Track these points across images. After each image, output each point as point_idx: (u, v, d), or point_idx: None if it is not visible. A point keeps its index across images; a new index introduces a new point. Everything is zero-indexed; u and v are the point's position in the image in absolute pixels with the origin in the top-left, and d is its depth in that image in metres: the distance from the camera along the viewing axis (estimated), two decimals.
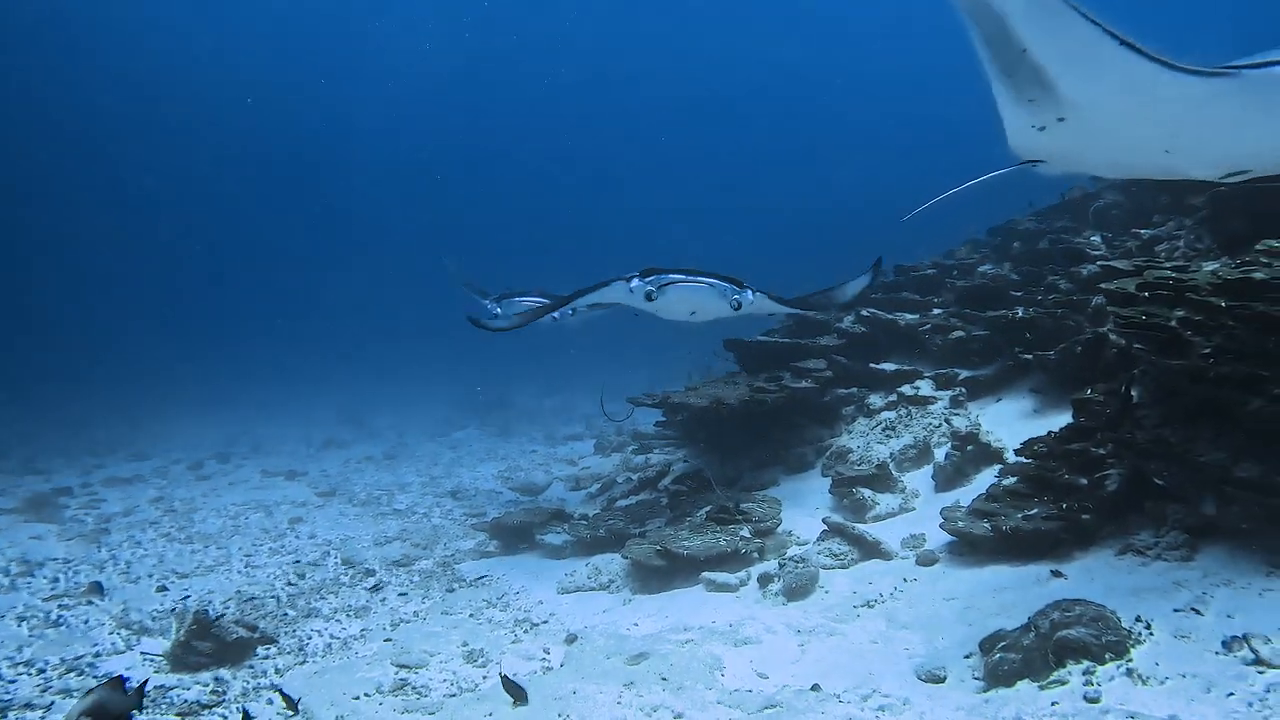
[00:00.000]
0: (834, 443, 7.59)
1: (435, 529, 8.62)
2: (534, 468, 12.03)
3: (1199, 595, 3.91)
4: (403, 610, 5.99)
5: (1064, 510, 4.79)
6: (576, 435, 14.39)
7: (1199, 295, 4.81)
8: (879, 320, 8.29)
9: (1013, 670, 3.67)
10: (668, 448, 10.55)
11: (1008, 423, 6.67)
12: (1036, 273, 8.06)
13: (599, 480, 10.27)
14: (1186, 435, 4.51)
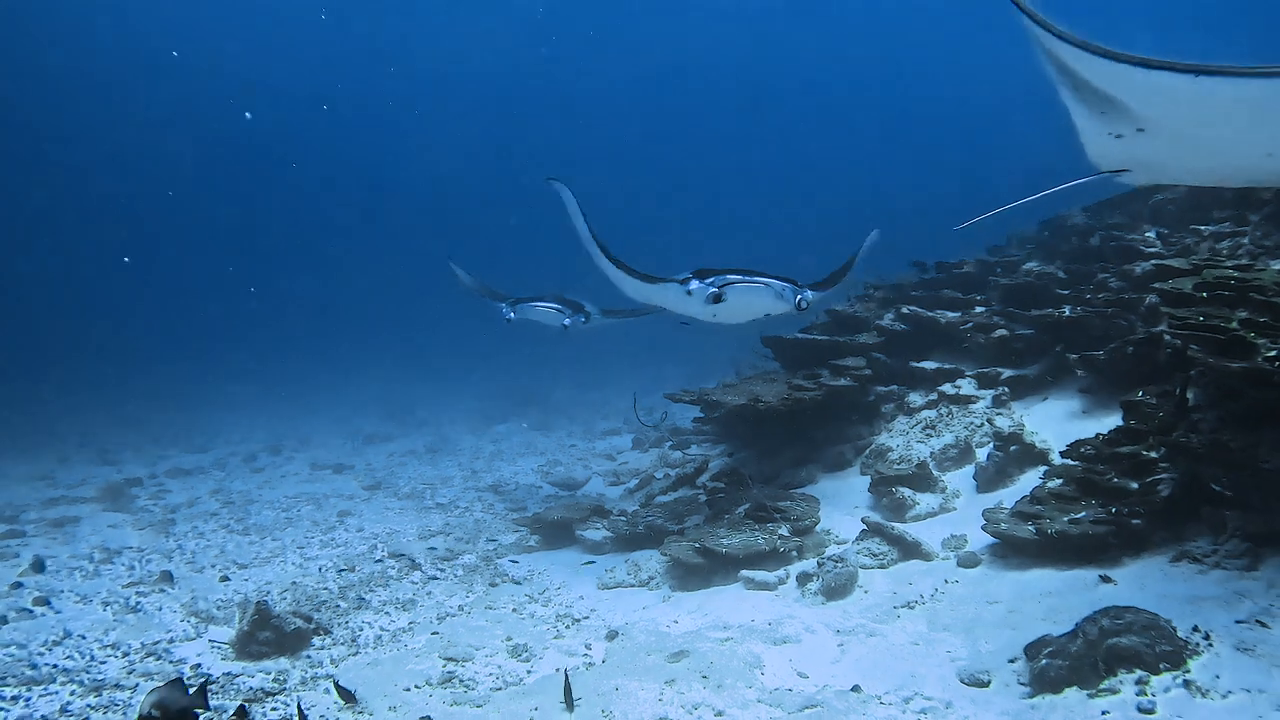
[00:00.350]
0: (873, 441, 7.58)
1: (477, 523, 8.78)
2: (573, 463, 12.17)
3: (1265, 607, 3.81)
4: (448, 604, 6.13)
5: (1113, 514, 4.74)
6: (614, 430, 14.50)
7: (1264, 295, 4.71)
8: (920, 318, 8.23)
9: (1060, 677, 3.66)
10: (705, 444, 10.61)
11: (1053, 424, 6.59)
12: (1085, 270, 7.93)
13: (637, 476, 10.38)
14: (1248, 440, 4.41)
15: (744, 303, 6.12)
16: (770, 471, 8.04)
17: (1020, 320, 7.51)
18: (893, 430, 7.62)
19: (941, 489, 6.42)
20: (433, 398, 19.97)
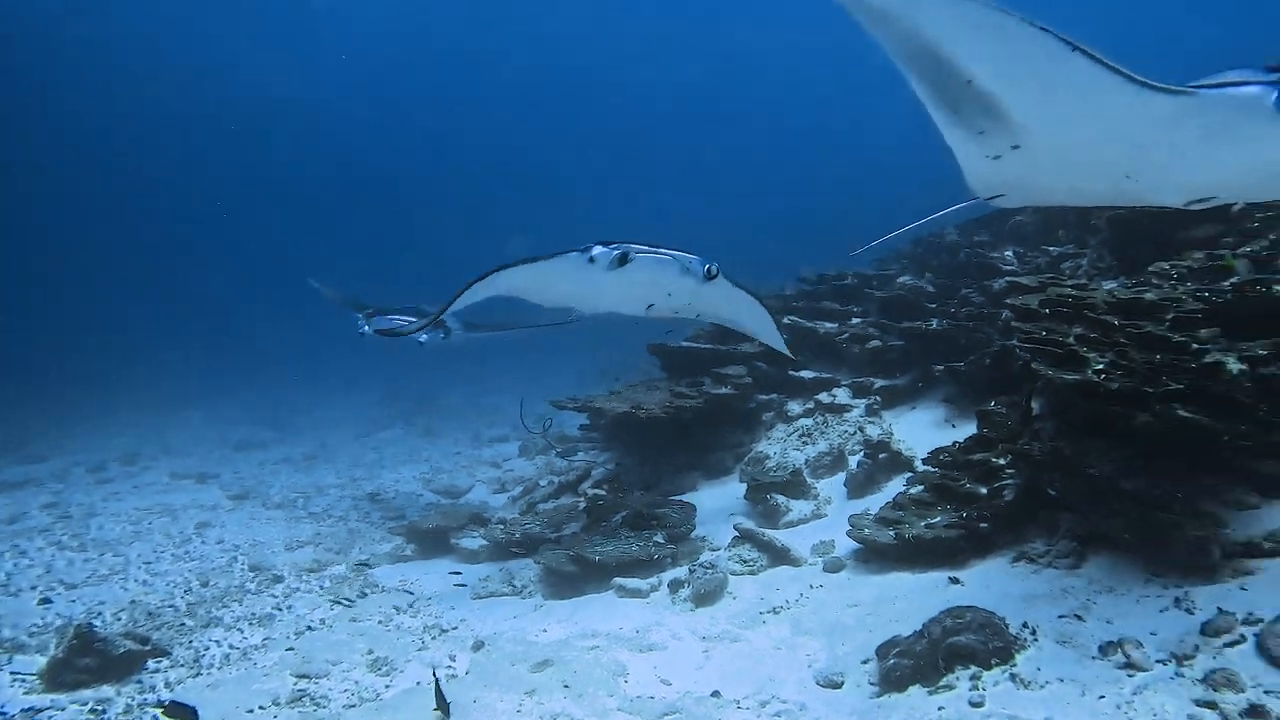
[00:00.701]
0: (753, 448, 7.69)
1: (351, 532, 8.44)
2: (457, 470, 11.88)
3: (1083, 602, 4.07)
4: (309, 618, 5.84)
5: (963, 519, 4.94)
6: (503, 437, 14.21)
7: (1095, 313, 5.02)
8: (800, 328, 8.43)
9: (905, 676, 3.78)
10: (592, 451, 10.55)
11: (920, 432, 6.84)
12: (952, 285, 8.32)
13: (522, 483, 10.21)
14: (1079, 448, 4.70)
15: (649, 277, 5.30)
16: (652, 478, 8.04)
17: (892, 332, 7.79)
18: (771, 438, 7.75)
19: (814, 495, 6.55)
20: (316, 404, 19.14)
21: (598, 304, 5.73)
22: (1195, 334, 4.71)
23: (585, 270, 5.20)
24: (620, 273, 5.13)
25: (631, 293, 5.49)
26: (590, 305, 5.79)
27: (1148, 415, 4.38)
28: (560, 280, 5.43)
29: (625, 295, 5.51)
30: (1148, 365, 4.47)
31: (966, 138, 3.27)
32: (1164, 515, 4.15)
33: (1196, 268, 5.54)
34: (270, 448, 14.51)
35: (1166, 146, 2.87)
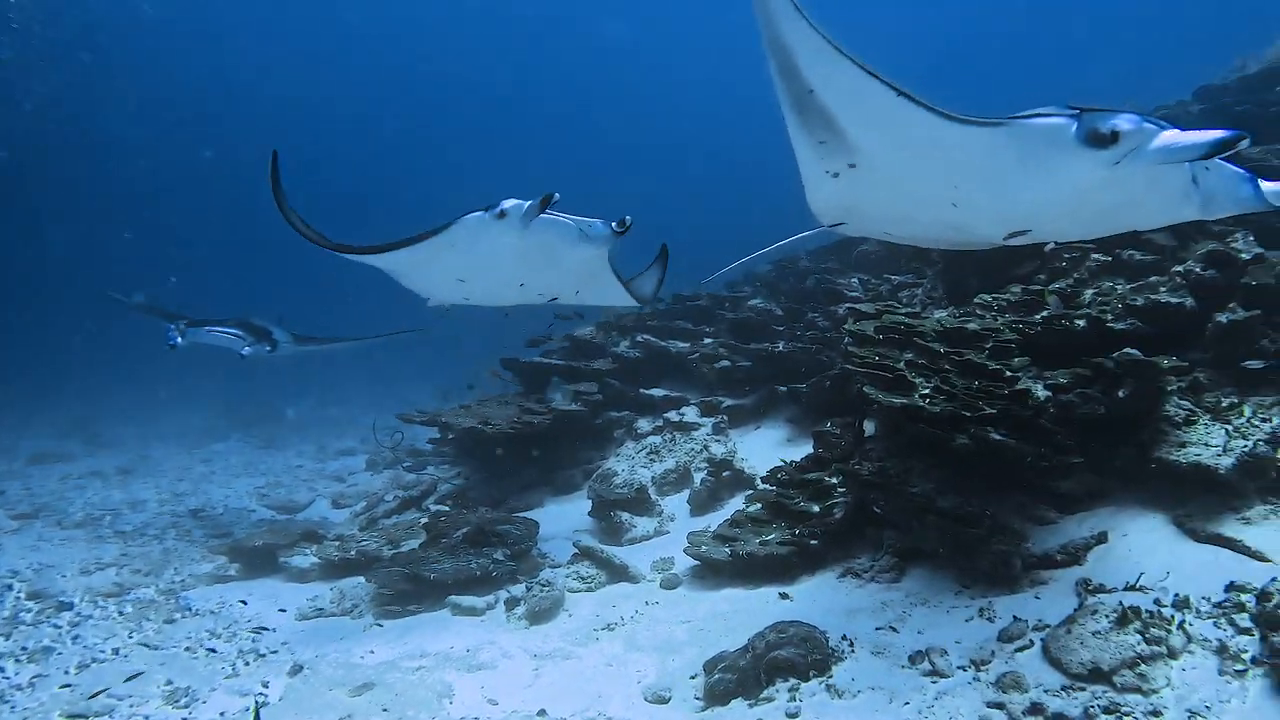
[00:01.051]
0: (602, 465, 7.66)
1: (166, 552, 7.76)
2: (297, 484, 11.26)
3: (900, 614, 4.27)
4: (100, 648, 5.28)
5: (796, 536, 5.08)
6: (350, 450, 13.60)
7: (924, 340, 5.32)
8: (653, 346, 8.51)
9: (728, 690, 3.83)
10: (443, 465, 10.25)
11: (763, 450, 7.02)
12: (800, 310, 8.63)
13: (365, 498, 9.77)
14: (904, 468, 4.95)
15: (550, 243, 4.51)
16: (500, 495, 7.89)
17: (741, 353, 7.99)
18: (621, 455, 7.75)
19: (659, 513, 6.59)
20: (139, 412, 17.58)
21: (490, 281, 4.98)
22: (1009, 362, 5.08)
23: (486, 232, 4.45)
24: (530, 233, 4.40)
25: (531, 267, 4.78)
26: (481, 282, 5.01)
27: (965, 437, 4.67)
28: (456, 244, 4.61)
29: (525, 267, 4.77)
30: (967, 391, 4.77)
31: (809, 144, 3.36)
32: (974, 531, 4.41)
33: (1015, 300, 5.98)
34: (77, 460, 13.18)
35: (985, 173, 3.02)
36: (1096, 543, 4.39)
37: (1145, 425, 4.71)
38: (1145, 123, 2.63)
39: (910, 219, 3.71)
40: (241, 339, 7.76)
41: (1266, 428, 4.48)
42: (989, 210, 3.27)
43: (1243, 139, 2.43)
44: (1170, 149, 2.59)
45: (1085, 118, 2.70)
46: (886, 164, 3.27)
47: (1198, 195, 2.77)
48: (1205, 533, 4.19)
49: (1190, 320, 5.20)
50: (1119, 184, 2.79)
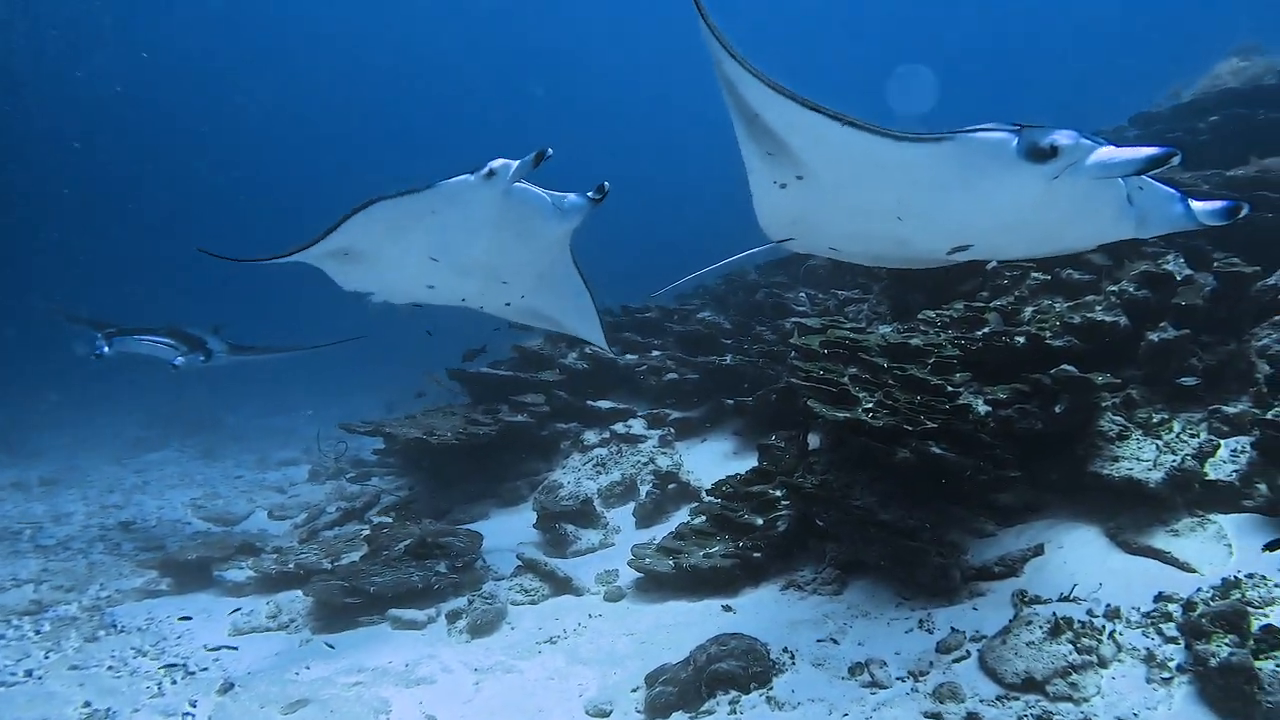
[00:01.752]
0: (548, 477, 7.60)
1: (92, 567, 7.42)
2: (236, 495, 10.87)
3: (841, 626, 4.29)
4: (10, 670, 5.01)
5: (740, 549, 5.08)
6: (292, 460, 13.20)
7: (868, 355, 5.39)
8: (601, 358, 8.48)
9: (669, 703, 3.79)
10: (388, 476, 10.06)
11: (709, 463, 7.03)
12: (747, 323, 8.69)
13: (306, 510, 9.52)
14: (846, 481, 4.99)
15: (525, 215, 4.18)
16: (444, 506, 7.77)
17: (689, 366, 8.01)
18: (567, 467, 7.71)
19: (604, 525, 6.55)
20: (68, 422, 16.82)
21: (460, 260, 4.57)
22: (951, 378, 5.17)
23: (474, 197, 4.05)
24: (510, 200, 4.03)
25: (504, 250, 4.44)
26: (451, 263, 4.60)
27: (906, 451, 4.73)
28: (434, 207, 4.19)
29: (497, 244, 4.39)
30: (909, 405, 4.84)
31: (758, 154, 3.40)
32: (914, 543, 4.47)
33: (957, 317, 6.10)
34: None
35: (929, 186, 3.07)
36: (1033, 554, 4.48)
37: (1080, 440, 4.83)
38: (1083, 138, 2.71)
39: (856, 232, 3.75)
40: (174, 349, 7.48)
41: (1194, 443, 4.63)
42: (933, 223, 3.32)
43: (1174, 155, 2.52)
44: (1106, 164, 2.67)
45: (1025, 133, 2.77)
46: (832, 178, 3.31)
47: (1133, 214, 2.86)
48: (1136, 544, 4.30)
49: (1124, 338, 5.36)
50: (1058, 199, 2.86)
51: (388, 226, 4.31)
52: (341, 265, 4.69)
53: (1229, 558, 4.02)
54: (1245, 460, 4.50)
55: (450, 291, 4.97)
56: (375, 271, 4.75)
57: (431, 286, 4.86)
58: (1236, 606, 3.39)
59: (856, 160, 3.11)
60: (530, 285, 4.92)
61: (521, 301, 5.10)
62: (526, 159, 3.84)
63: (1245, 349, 5.18)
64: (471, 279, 4.75)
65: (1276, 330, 5.05)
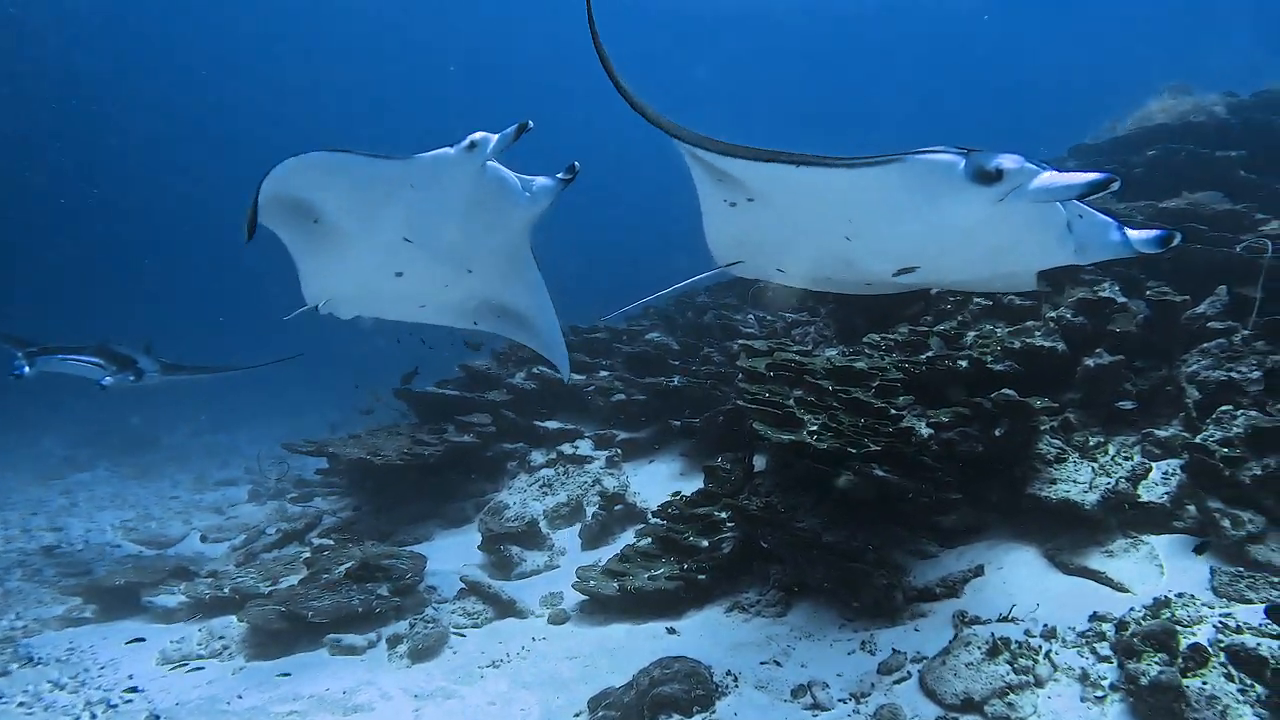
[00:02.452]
0: (494, 498, 7.50)
1: (8, 594, 7.07)
2: (170, 517, 10.51)
3: (784, 648, 4.29)
4: None
5: (684, 570, 5.06)
6: (232, 480, 12.84)
7: (814, 378, 5.43)
8: (548, 378, 8.42)
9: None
10: (331, 497, 9.82)
11: (656, 484, 6.99)
12: (696, 344, 8.72)
13: (245, 531, 9.23)
14: (791, 503, 5.00)
15: (496, 195, 4.11)
16: (388, 527, 7.61)
17: (637, 386, 7.98)
18: (513, 487, 7.61)
19: (550, 546, 6.47)
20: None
21: (430, 246, 4.46)
22: (895, 400, 5.24)
23: (455, 170, 3.94)
24: (484, 178, 3.97)
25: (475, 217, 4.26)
26: (423, 247, 4.46)
27: (850, 474, 4.76)
28: (412, 179, 4.04)
29: (466, 228, 4.30)
30: (853, 428, 4.88)
31: (709, 179, 3.44)
32: (858, 565, 4.49)
33: (902, 340, 6.20)
34: None
35: (878, 207, 3.11)
36: (973, 575, 4.54)
37: (1020, 462, 4.92)
38: (1027, 163, 2.76)
39: (805, 253, 3.76)
40: (101, 368, 7.19)
41: (1128, 465, 4.74)
42: (881, 244, 3.36)
43: (1114, 181, 2.57)
44: (1049, 188, 2.72)
45: (972, 156, 2.81)
46: (785, 203, 3.36)
47: (1072, 240, 2.92)
48: (1073, 565, 4.38)
49: (1062, 363, 5.50)
50: (1002, 222, 2.91)
51: (361, 190, 4.12)
52: (309, 236, 4.42)
53: (1160, 577, 4.11)
54: (1175, 483, 4.62)
55: (419, 280, 4.76)
56: (344, 251, 4.51)
57: (400, 274, 4.66)
58: (1166, 626, 3.47)
59: (809, 189, 3.16)
60: (494, 275, 4.80)
61: (482, 296, 5.01)
62: (507, 132, 3.78)
63: (1176, 374, 5.34)
64: (441, 266, 4.61)
65: (1205, 357, 5.22)
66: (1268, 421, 4.37)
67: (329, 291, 4.84)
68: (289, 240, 4.46)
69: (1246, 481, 4.22)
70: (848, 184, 3.02)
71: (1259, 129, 8.66)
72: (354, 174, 4.03)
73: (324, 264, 4.62)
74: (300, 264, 4.64)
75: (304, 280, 4.75)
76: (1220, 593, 3.87)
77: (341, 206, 4.21)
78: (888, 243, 3.33)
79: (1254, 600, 3.74)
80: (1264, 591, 3.78)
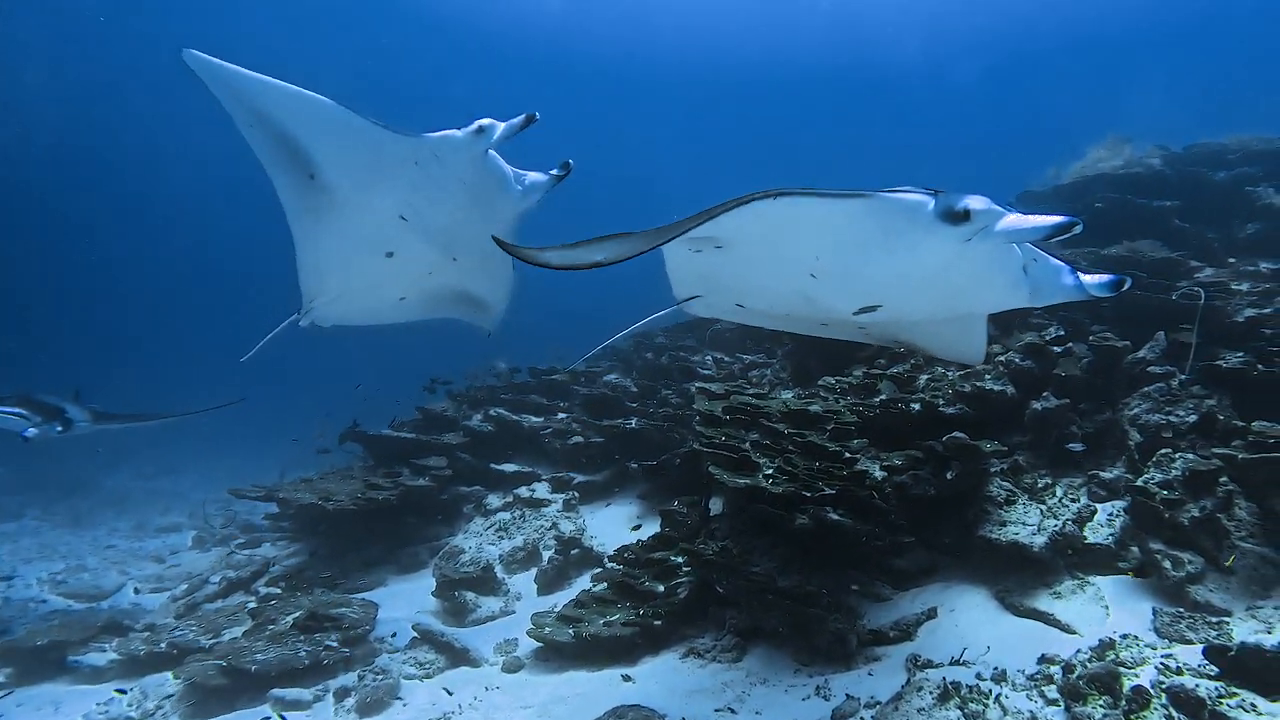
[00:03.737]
0: (449, 542, 7.36)
1: None
2: (106, 567, 10.01)
3: (739, 694, 4.25)
4: None
5: (640, 616, 5.00)
6: (175, 526, 12.38)
7: (770, 421, 5.48)
8: (505, 421, 8.36)
9: None
10: (280, 542, 9.55)
11: (613, 527, 6.94)
12: (653, 386, 8.74)
13: (187, 580, 8.90)
14: (746, 547, 5.00)
15: (491, 183, 4.30)
16: (340, 574, 7.40)
17: (594, 429, 7.96)
18: (469, 531, 7.50)
19: (505, 592, 6.36)
20: None
21: (425, 227, 4.60)
22: (849, 444, 5.30)
23: (451, 154, 4.11)
24: (486, 164, 4.17)
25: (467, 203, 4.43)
26: (418, 228, 4.61)
27: (805, 517, 4.79)
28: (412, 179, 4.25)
29: (461, 212, 4.46)
30: (808, 471, 4.92)
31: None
32: (812, 610, 4.49)
33: (856, 384, 6.28)
34: None
35: (848, 243, 3.13)
36: (927, 618, 4.57)
37: (971, 504, 5.00)
38: (994, 205, 2.81)
39: (767, 289, 3.76)
40: (25, 419, 6.86)
41: (1074, 507, 4.85)
42: (846, 281, 3.37)
43: (1076, 225, 2.63)
44: (1015, 230, 2.77)
45: (941, 196, 2.86)
46: (754, 237, 3.32)
47: (1028, 284, 2.98)
48: (1023, 607, 4.44)
49: (1011, 406, 5.62)
50: (965, 262, 2.96)
51: (363, 154, 4.17)
52: (305, 192, 4.44)
53: (1106, 618, 4.18)
54: (1120, 524, 4.73)
55: (406, 263, 4.84)
56: (339, 219, 4.54)
57: (391, 254, 4.72)
58: (1110, 668, 3.52)
59: (781, 222, 3.13)
60: (475, 264, 4.93)
61: (459, 286, 5.13)
62: (514, 121, 3.97)
63: (1119, 417, 5.49)
64: (431, 249, 4.70)
65: (1145, 401, 5.38)
66: (1203, 465, 4.51)
67: (321, 271, 4.84)
68: (284, 191, 4.48)
69: (1185, 523, 4.33)
70: (819, 215, 3.03)
71: (1191, 181, 9.06)
72: (357, 136, 4.06)
73: (318, 231, 4.61)
74: (294, 227, 4.64)
75: (299, 250, 4.75)
76: (1162, 633, 3.95)
77: (340, 167, 4.27)
78: (852, 280, 3.35)
79: (1194, 641, 3.83)
80: (1203, 632, 3.87)
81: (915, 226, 2.94)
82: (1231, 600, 4.09)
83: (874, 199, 2.94)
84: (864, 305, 3.49)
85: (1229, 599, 4.09)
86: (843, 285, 3.41)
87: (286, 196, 4.48)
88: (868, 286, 3.37)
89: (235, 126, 4.08)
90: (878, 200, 2.94)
